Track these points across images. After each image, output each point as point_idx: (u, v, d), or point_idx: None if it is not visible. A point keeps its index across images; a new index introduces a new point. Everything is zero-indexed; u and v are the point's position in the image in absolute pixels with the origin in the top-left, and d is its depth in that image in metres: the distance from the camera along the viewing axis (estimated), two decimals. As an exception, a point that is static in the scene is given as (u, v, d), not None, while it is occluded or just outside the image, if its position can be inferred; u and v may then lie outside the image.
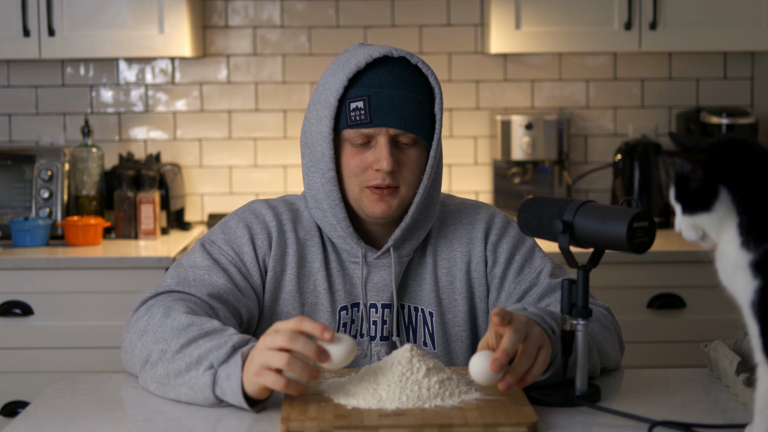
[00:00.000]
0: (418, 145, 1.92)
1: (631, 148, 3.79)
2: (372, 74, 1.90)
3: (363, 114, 1.88)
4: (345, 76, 1.89)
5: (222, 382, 1.65)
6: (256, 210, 2.00)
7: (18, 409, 3.32)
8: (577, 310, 1.69)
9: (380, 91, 1.88)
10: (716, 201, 1.39)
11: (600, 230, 1.67)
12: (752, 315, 1.39)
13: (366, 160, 1.91)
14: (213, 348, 1.68)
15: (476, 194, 3.96)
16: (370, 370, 1.69)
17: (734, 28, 3.62)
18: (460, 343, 1.99)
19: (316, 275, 1.98)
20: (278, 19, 3.92)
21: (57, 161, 3.65)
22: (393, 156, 1.89)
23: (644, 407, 1.68)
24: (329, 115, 1.90)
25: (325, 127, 1.90)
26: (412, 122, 1.89)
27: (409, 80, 1.90)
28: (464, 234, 2.02)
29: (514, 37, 3.63)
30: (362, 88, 1.89)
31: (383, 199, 1.91)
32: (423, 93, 1.91)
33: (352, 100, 1.89)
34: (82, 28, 3.60)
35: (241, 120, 3.95)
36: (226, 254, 1.95)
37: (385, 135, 1.89)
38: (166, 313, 1.81)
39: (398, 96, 1.88)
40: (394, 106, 1.88)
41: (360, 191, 1.92)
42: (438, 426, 1.55)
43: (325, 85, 1.93)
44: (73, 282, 3.34)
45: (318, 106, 1.93)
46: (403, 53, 1.91)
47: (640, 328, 3.41)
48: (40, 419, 1.67)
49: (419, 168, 1.93)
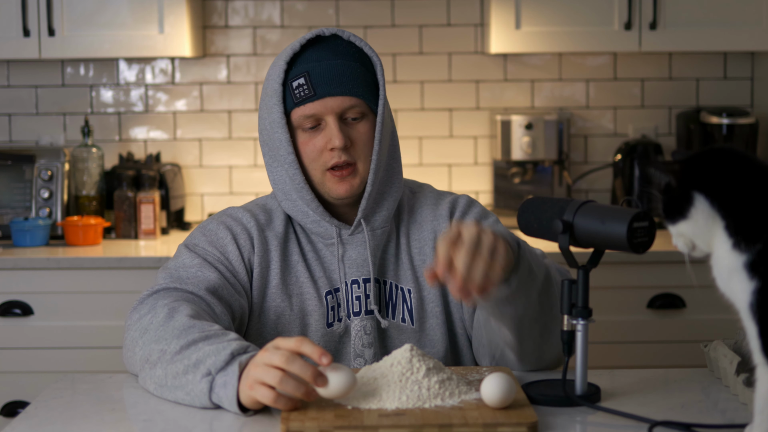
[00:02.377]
0: (367, 118, 1.97)
1: (631, 148, 3.79)
2: (308, 53, 1.96)
3: (306, 89, 1.93)
4: (283, 61, 1.95)
5: (218, 389, 1.66)
6: (233, 214, 2.05)
7: (18, 409, 3.32)
8: (577, 310, 1.69)
9: (318, 64, 1.94)
10: (691, 208, 1.41)
11: (600, 230, 1.67)
12: (750, 317, 1.40)
13: (319, 143, 1.95)
14: (211, 353, 1.68)
15: (476, 194, 3.96)
16: (369, 370, 1.69)
17: (734, 28, 3.62)
18: (435, 319, 2.03)
19: (296, 266, 2.01)
20: (278, 19, 3.92)
21: (57, 161, 3.65)
22: (343, 132, 1.94)
23: (644, 407, 1.68)
24: (277, 100, 1.95)
25: (276, 113, 1.95)
26: (354, 86, 1.94)
27: (344, 51, 1.96)
28: (430, 213, 2.07)
29: (514, 37, 3.63)
30: (301, 66, 1.95)
31: (344, 180, 1.97)
32: (361, 61, 1.97)
33: (293, 79, 1.94)
34: (82, 28, 3.60)
35: (241, 120, 3.95)
36: (212, 254, 1.98)
37: (331, 113, 1.94)
38: (170, 314, 1.81)
39: (336, 65, 1.94)
40: (334, 75, 1.93)
41: (322, 175, 1.97)
42: (438, 426, 1.55)
43: (268, 77, 1.99)
44: (73, 282, 3.34)
45: (265, 98, 1.99)
46: (335, 30, 1.98)
47: (640, 328, 3.41)
48: (40, 419, 1.67)
49: (371, 141, 1.98)
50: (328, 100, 1.94)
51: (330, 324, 2.00)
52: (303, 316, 2.00)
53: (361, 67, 1.96)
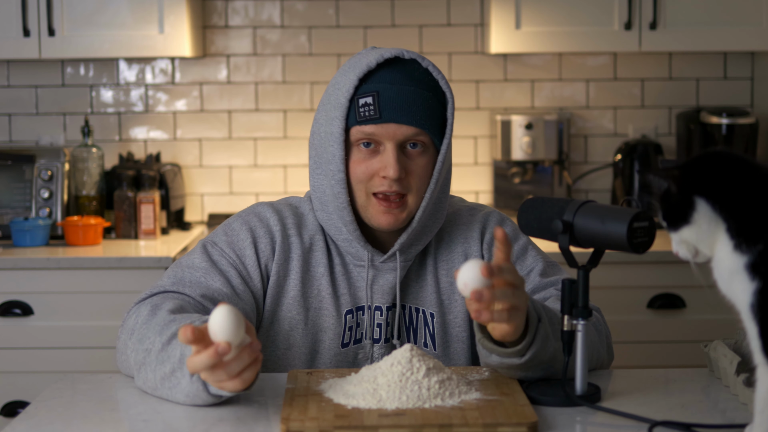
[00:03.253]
0: (427, 152, 1.90)
1: (631, 148, 3.79)
2: (382, 73, 1.88)
3: (372, 109, 1.86)
4: (356, 75, 1.88)
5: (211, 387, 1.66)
6: (260, 213, 1.99)
7: (18, 409, 3.32)
8: (577, 310, 1.69)
9: (390, 87, 1.87)
10: (694, 213, 1.41)
11: (600, 230, 1.67)
12: (751, 317, 1.40)
13: (373, 167, 1.89)
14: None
15: (476, 194, 3.96)
16: (369, 370, 1.69)
17: (734, 28, 3.62)
18: (461, 344, 1.99)
19: (320, 280, 1.96)
20: (278, 19, 3.92)
21: (57, 161, 3.65)
22: (400, 163, 1.87)
23: (644, 407, 1.68)
24: (340, 115, 1.88)
25: (336, 127, 1.89)
26: (421, 118, 1.87)
27: (419, 78, 1.88)
28: (461, 235, 2.02)
29: (514, 37, 3.63)
30: (372, 85, 1.87)
31: (390, 212, 1.90)
32: (434, 92, 1.90)
33: (361, 96, 1.87)
34: (82, 28, 3.60)
35: (241, 120, 3.95)
36: (227, 256, 1.94)
37: (392, 140, 1.87)
38: (153, 312, 1.80)
39: (408, 92, 1.87)
40: (404, 102, 1.86)
41: (367, 198, 1.91)
42: (438, 426, 1.55)
43: (335, 85, 1.92)
44: (73, 282, 3.34)
45: (328, 107, 1.92)
46: (414, 55, 1.90)
47: (640, 328, 3.41)
48: (40, 419, 1.67)
49: (427, 175, 1.91)
50: (392, 125, 1.87)
51: (345, 344, 1.97)
52: (316, 332, 1.96)
53: (433, 98, 1.89)
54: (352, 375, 1.72)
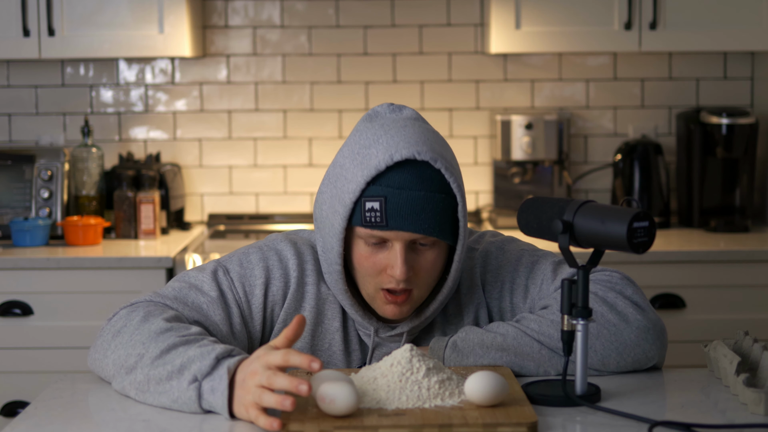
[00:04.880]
0: (437, 245, 1.82)
1: (631, 148, 3.79)
2: (392, 175, 1.77)
3: (378, 216, 1.77)
4: (363, 178, 1.77)
5: (207, 395, 1.64)
6: (281, 252, 1.91)
7: (18, 409, 3.32)
8: (577, 310, 1.69)
9: (398, 192, 1.77)
10: None
11: (600, 230, 1.67)
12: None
13: (380, 263, 1.81)
14: (195, 357, 1.66)
15: (476, 194, 3.96)
16: (369, 370, 1.69)
17: (734, 28, 3.62)
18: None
19: (334, 335, 1.91)
20: (278, 19, 3.92)
21: (57, 161, 3.65)
22: (408, 262, 1.79)
23: (644, 407, 1.68)
24: (343, 214, 1.79)
25: (338, 224, 1.80)
26: (431, 225, 1.78)
27: (429, 180, 1.77)
28: (466, 294, 1.94)
29: (514, 37, 3.63)
30: (380, 188, 1.77)
31: (396, 305, 1.84)
32: (445, 193, 1.79)
33: (368, 199, 1.77)
34: (82, 28, 3.60)
35: (241, 120, 3.95)
36: (235, 291, 1.89)
37: (400, 240, 1.79)
38: (146, 318, 1.78)
39: (417, 198, 1.77)
40: (412, 210, 1.76)
41: (375, 291, 1.84)
42: (438, 426, 1.55)
43: (344, 175, 1.81)
44: (72, 282, 3.33)
45: (334, 200, 1.82)
46: (428, 157, 1.77)
47: (640, 328, 3.40)
48: (40, 419, 1.67)
49: (436, 269, 1.84)
50: (399, 232, 1.78)
51: None
52: None
53: (445, 200, 1.78)
54: (351, 375, 1.72)
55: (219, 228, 3.84)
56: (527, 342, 1.83)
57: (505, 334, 1.83)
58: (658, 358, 1.88)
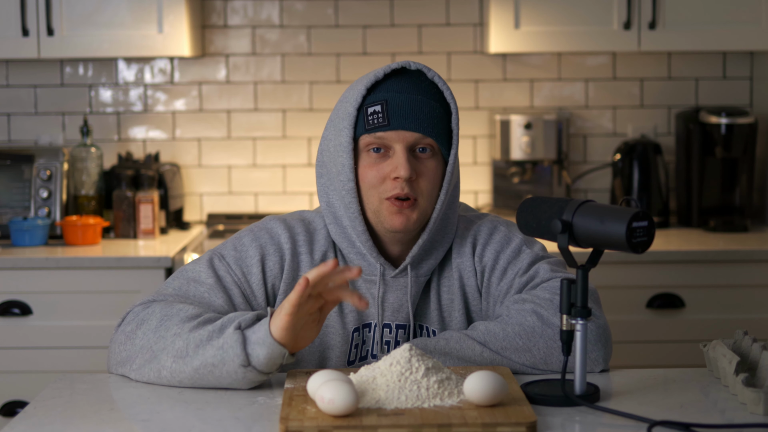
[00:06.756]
0: (436, 157, 1.92)
1: (630, 147, 3.79)
2: (390, 82, 1.91)
3: (381, 117, 1.88)
4: (363, 86, 1.91)
5: (250, 335, 1.73)
6: (271, 230, 1.98)
7: (17, 409, 3.32)
8: (576, 310, 1.69)
9: (398, 95, 1.89)
10: None
11: (599, 230, 1.67)
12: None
13: (384, 171, 1.90)
14: (235, 317, 1.77)
15: (475, 194, 3.96)
16: (368, 370, 1.69)
17: (734, 28, 3.62)
18: None
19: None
20: (277, 19, 3.92)
21: (56, 161, 3.65)
22: (410, 164, 1.88)
23: (644, 407, 1.68)
24: (349, 124, 1.90)
25: (345, 137, 1.90)
26: (429, 126, 1.89)
27: (425, 89, 1.91)
28: (456, 250, 2.00)
29: (513, 37, 3.63)
30: (380, 94, 1.90)
31: (402, 212, 1.90)
32: (439, 102, 1.92)
33: (369, 105, 1.89)
34: (81, 27, 3.60)
35: (240, 120, 3.95)
36: (233, 273, 1.94)
37: (402, 143, 1.89)
38: (169, 306, 1.84)
39: (415, 100, 1.89)
40: (411, 110, 1.89)
41: (379, 203, 1.91)
42: (437, 426, 1.55)
43: (343, 99, 1.94)
44: (72, 282, 3.33)
45: (337, 120, 1.94)
46: (420, 66, 1.92)
47: (639, 327, 3.41)
48: (39, 419, 1.67)
49: (437, 180, 1.92)
50: (401, 132, 1.89)
51: (351, 362, 1.97)
52: (324, 350, 1.96)
53: (440, 108, 1.92)
54: (351, 375, 1.72)
55: (218, 228, 3.84)
56: (469, 345, 1.88)
57: (448, 338, 1.89)
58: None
